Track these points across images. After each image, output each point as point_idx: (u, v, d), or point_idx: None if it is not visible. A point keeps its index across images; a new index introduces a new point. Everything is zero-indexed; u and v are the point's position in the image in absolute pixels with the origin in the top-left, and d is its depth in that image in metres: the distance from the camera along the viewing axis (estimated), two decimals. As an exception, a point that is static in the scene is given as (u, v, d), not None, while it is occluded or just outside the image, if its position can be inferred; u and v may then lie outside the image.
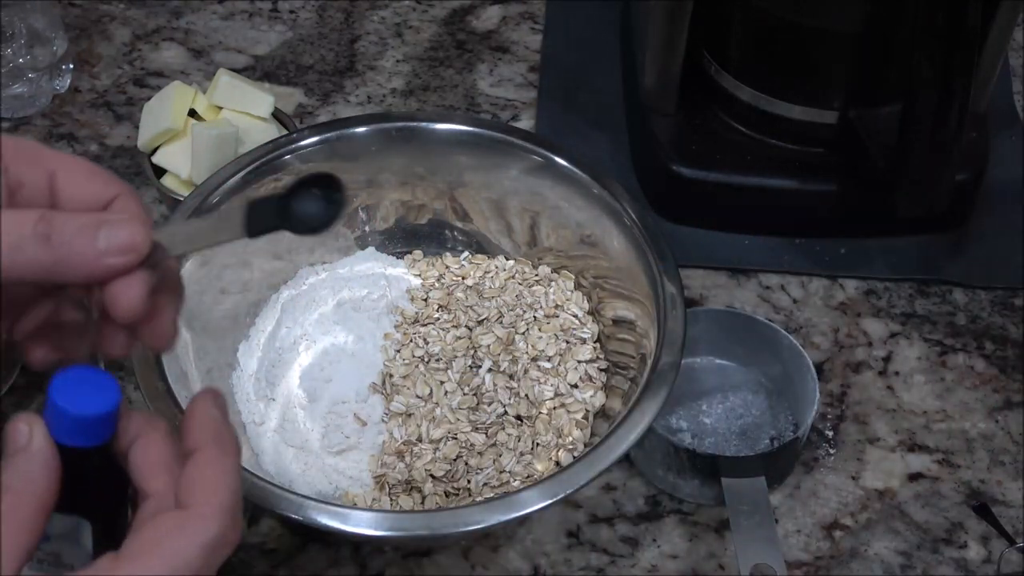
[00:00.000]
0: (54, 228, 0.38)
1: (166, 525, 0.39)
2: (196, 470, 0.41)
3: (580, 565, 0.66)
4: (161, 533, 0.39)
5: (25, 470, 0.39)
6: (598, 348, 0.70)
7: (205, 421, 0.42)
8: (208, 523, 0.39)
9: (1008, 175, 0.85)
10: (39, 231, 0.38)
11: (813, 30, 0.75)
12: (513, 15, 0.98)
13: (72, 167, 0.42)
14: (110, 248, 0.39)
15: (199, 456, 0.41)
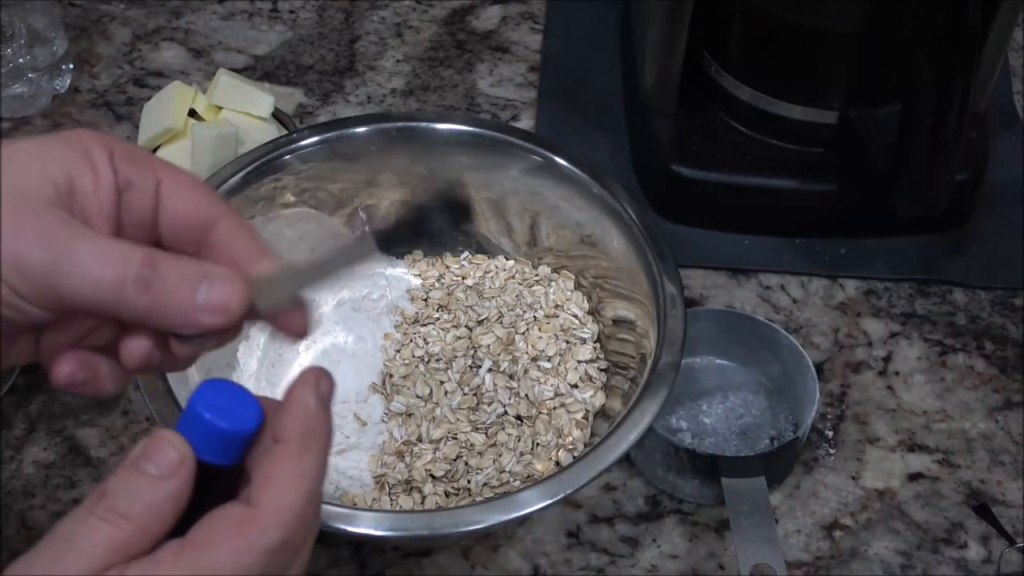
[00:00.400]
0: (157, 274, 0.37)
1: (229, 522, 0.37)
2: (272, 467, 0.39)
3: (580, 565, 0.66)
4: (223, 530, 0.37)
5: (151, 502, 0.37)
6: (598, 348, 0.70)
7: (298, 411, 0.40)
8: (269, 527, 0.37)
9: (1008, 175, 0.85)
10: (142, 276, 0.37)
11: (813, 30, 0.75)
12: (513, 15, 0.98)
13: (178, 178, 0.41)
14: (206, 305, 0.38)
15: (280, 450, 0.39)
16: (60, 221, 0.37)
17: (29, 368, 0.72)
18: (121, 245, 0.38)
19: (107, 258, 0.37)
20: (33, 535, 0.66)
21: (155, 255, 0.38)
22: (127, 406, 0.71)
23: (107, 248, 0.38)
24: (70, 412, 0.71)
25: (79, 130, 0.41)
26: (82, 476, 0.68)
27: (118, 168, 0.40)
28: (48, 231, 0.37)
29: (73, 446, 0.69)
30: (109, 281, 0.37)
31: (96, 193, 0.39)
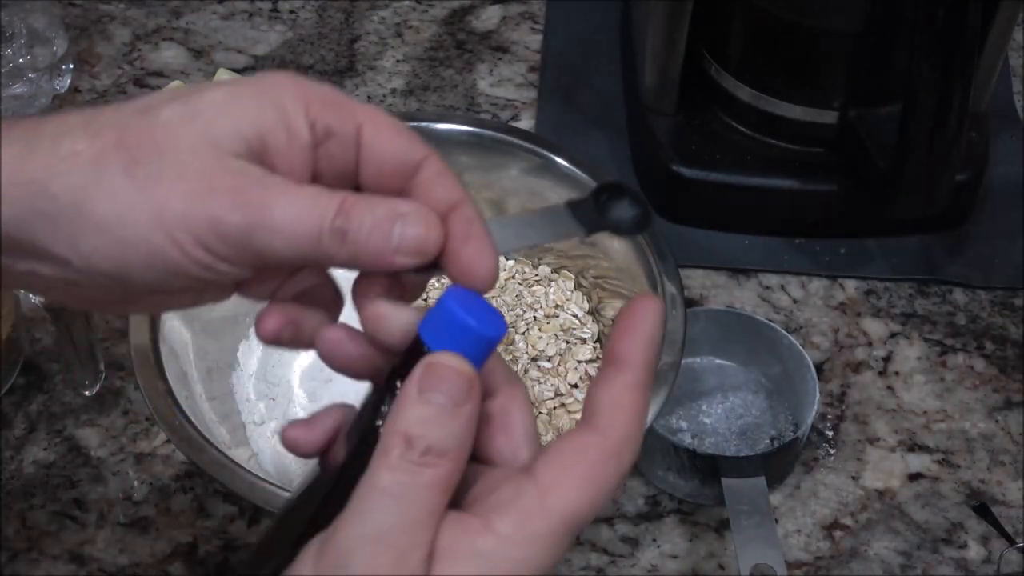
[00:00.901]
0: (351, 223, 0.36)
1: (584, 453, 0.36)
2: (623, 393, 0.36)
3: (580, 565, 0.66)
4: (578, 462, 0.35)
5: (458, 433, 0.35)
6: (598, 348, 0.70)
7: (647, 337, 0.37)
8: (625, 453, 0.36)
9: (1008, 175, 0.85)
10: (336, 226, 0.36)
11: (813, 30, 0.75)
12: (513, 15, 0.98)
13: (380, 121, 0.39)
14: (401, 248, 0.36)
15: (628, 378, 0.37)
16: (253, 180, 0.36)
17: (29, 368, 0.72)
18: (315, 196, 0.36)
19: (302, 213, 0.36)
20: (33, 535, 0.66)
21: (348, 202, 0.36)
22: (127, 406, 0.71)
23: (302, 202, 0.36)
24: (70, 412, 0.71)
25: (274, 77, 0.39)
26: (82, 476, 0.68)
27: (316, 119, 0.38)
28: (242, 192, 0.36)
29: (73, 446, 0.69)
30: (306, 237, 0.36)
31: (289, 149, 0.38)
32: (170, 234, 0.36)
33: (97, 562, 0.65)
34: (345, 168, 0.39)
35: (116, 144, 0.36)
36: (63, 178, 0.36)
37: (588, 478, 0.35)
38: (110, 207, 0.36)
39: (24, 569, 0.64)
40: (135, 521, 0.66)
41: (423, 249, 0.37)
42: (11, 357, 0.71)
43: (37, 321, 0.74)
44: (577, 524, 0.35)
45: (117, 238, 0.36)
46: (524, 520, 0.34)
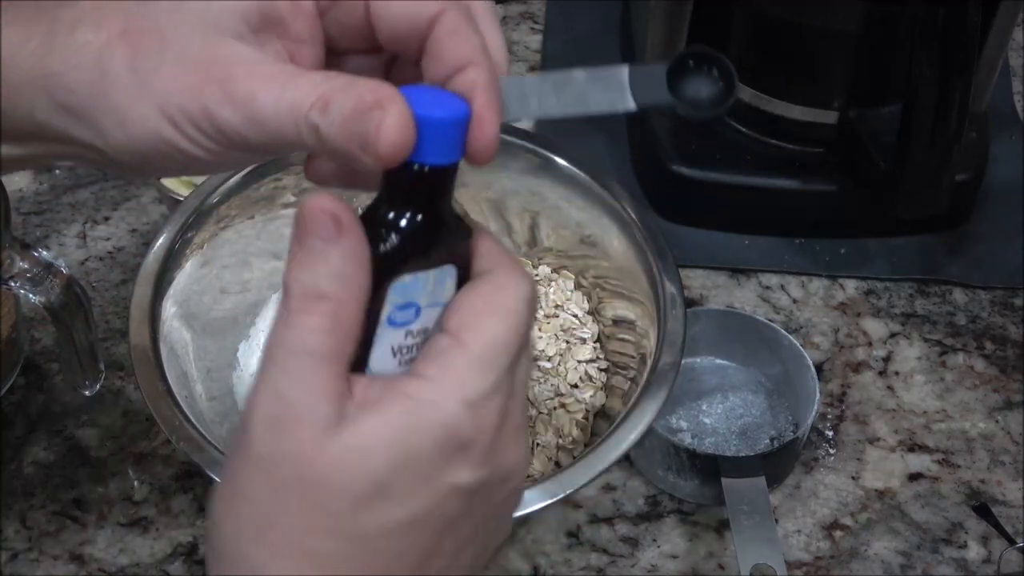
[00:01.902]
0: (325, 116, 0.35)
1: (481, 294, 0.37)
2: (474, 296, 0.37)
3: (580, 565, 0.66)
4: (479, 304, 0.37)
5: (340, 270, 0.35)
6: (598, 348, 0.70)
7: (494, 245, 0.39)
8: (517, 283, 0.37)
9: (1008, 175, 0.85)
10: (312, 122, 0.35)
11: (813, 30, 0.75)
12: (513, 15, 0.98)
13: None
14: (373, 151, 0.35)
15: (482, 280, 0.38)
16: (245, 69, 0.37)
17: (29, 368, 0.72)
18: (295, 87, 0.36)
19: (281, 106, 0.36)
20: (33, 535, 0.66)
21: (328, 94, 0.35)
22: (127, 406, 0.71)
23: (282, 94, 0.36)
24: (70, 412, 0.71)
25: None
26: (82, 476, 0.68)
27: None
28: (232, 83, 0.36)
29: (73, 446, 0.69)
30: (287, 133, 0.36)
31: (294, 19, 0.38)
32: (175, 123, 0.37)
33: (97, 562, 0.65)
34: (359, 32, 0.39)
35: (121, 33, 0.37)
36: (77, 73, 0.37)
37: (492, 310, 0.37)
38: (120, 100, 0.37)
39: (24, 569, 0.64)
40: (135, 521, 0.66)
41: (395, 150, 0.35)
42: (11, 357, 0.71)
43: (37, 321, 0.74)
44: (499, 352, 0.36)
45: (131, 131, 0.38)
46: (445, 361, 0.36)
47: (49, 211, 0.81)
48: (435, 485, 0.35)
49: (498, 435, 0.36)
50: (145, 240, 0.79)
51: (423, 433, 0.35)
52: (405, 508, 0.35)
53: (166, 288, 0.63)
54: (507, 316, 0.37)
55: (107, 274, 0.78)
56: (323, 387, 0.35)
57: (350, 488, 0.34)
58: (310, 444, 0.34)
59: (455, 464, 0.35)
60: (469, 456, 0.35)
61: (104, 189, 0.83)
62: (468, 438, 0.35)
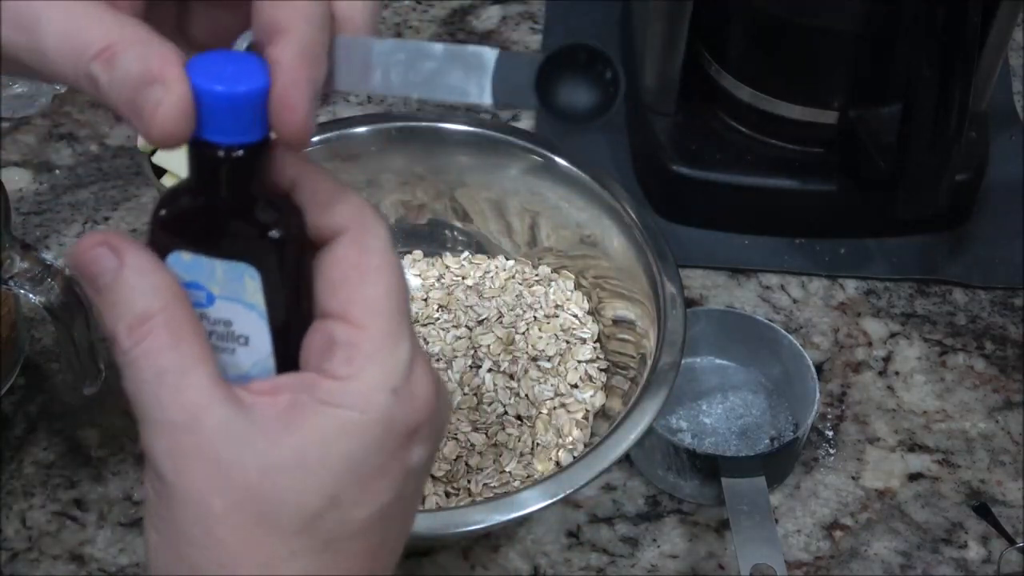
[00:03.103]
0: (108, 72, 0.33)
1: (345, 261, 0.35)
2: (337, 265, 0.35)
3: (580, 565, 0.66)
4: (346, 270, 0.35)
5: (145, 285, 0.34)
6: (598, 348, 0.70)
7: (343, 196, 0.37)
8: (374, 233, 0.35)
9: (1008, 175, 0.85)
10: (91, 72, 0.33)
11: (813, 30, 0.75)
12: (513, 15, 0.98)
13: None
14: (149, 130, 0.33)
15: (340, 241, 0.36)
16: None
17: (29, 368, 0.72)
18: (83, 28, 0.33)
19: (64, 45, 0.33)
20: (33, 535, 0.66)
21: (114, 49, 0.33)
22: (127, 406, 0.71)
23: (67, 30, 0.33)
24: (70, 412, 0.71)
25: None
26: (82, 476, 0.68)
27: None
28: (22, 8, 0.33)
29: (73, 446, 0.69)
30: (66, 73, 0.33)
31: None
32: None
33: (97, 562, 0.65)
34: None
35: None
36: None
37: (368, 276, 0.35)
38: None
39: (24, 569, 0.64)
40: (135, 521, 0.66)
41: (165, 140, 0.33)
42: (11, 357, 0.71)
43: (37, 321, 0.74)
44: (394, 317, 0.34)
45: None
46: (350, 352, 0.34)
47: (49, 211, 0.81)
48: (391, 476, 0.34)
49: (434, 395, 0.35)
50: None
51: (360, 437, 0.34)
52: (366, 508, 0.34)
53: (166, 288, 0.63)
54: (384, 274, 0.35)
55: (107, 274, 0.78)
56: (203, 395, 0.33)
57: (302, 509, 0.33)
58: (236, 465, 0.33)
59: (405, 451, 0.34)
60: (418, 436, 0.35)
61: (104, 189, 0.83)
62: (410, 421, 0.34)
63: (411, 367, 0.35)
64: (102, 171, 0.84)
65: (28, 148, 0.85)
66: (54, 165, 0.84)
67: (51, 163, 0.84)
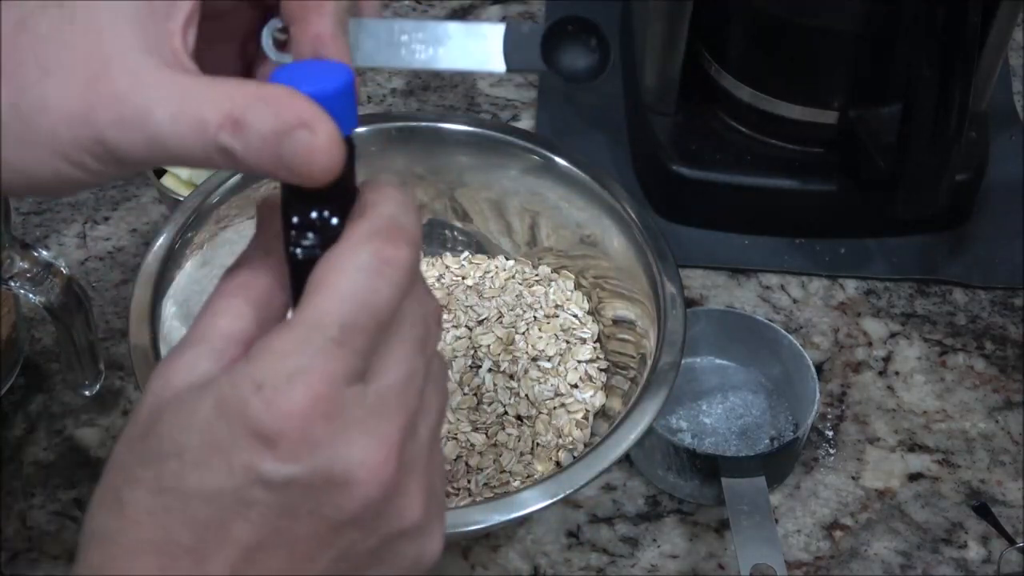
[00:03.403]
0: (240, 138, 0.33)
1: (319, 269, 0.35)
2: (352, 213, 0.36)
3: (580, 565, 0.66)
4: (315, 277, 0.34)
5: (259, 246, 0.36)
6: (598, 348, 0.70)
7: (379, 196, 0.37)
8: (353, 251, 0.34)
9: (1008, 175, 0.85)
10: (222, 144, 0.34)
11: (813, 30, 0.75)
12: (513, 15, 0.98)
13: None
14: (297, 173, 0.34)
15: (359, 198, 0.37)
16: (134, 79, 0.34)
17: (29, 368, 0.72)
18: (197, 102, 0.34)
19: (182, 126, 0.34)
20: (33, 535, 0.66)
21: (239, 112, 0.33)
22: (127, 406, 0.71)
23: (181, 109, 0.34)
24: (70, 412, 0.71)
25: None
26: (82, 476, 0.68)
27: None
28: (122, 101, 0.34)
29: (73, 446, 0.69)
30: (194, 153, 0.34)
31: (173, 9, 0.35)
32: (70, 160, 0.35)
33: (97, 562, 0.65)
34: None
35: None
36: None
37: (322, 283, 0.34)
38: (10, 153, 0.35)
39: (24, 569, 0.64)
40: (135, 521, 0.66)
41: (327, 176, 0.34)
42: (11, 357, 0.71)
43: (37, 321, 0.74)
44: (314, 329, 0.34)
45: (29, 175, 0.36)
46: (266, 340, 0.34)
47: (49, 211, 0.81)
48: (229, 463, 0.33)
49: (326, 425, 0.33)
50: (145, 240, 0.79)
51: (218, 410, 0.33)
52: (199, 477, 0.33)
53: (166, 288, 0.63)
54: (333, 290, 0.34)
55: (107, 274, 0.78)
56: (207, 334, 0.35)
57: (156, 438, 0.34)
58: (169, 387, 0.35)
59: (253, 449, 0.33)
60: (272, 444, 0.33)
61: (104, 189, 0.83)
62: (264, 424, 0.33)
63: (300, 382, 0.33)
64: None
65: (28, 148, 0.85)
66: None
67: (51, 163, 0.84)
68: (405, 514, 0.36)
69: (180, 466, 0.34)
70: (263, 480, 0.33)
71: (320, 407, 0.33)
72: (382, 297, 0.34)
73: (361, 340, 0.34)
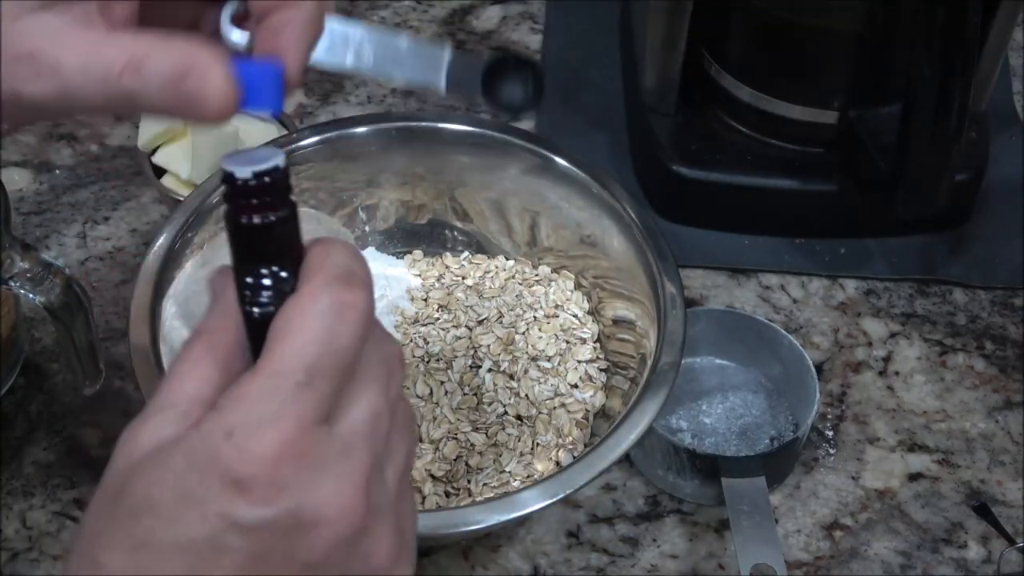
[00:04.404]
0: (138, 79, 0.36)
1: (280, 318, 0.36)
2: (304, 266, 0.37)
3: (580, 565, 0.66)
4: (277, 326, 0.35)
5: (220, 311, 0.37)
6: (598, 348, 0.70)
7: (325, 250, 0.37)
8: (312, 297, 0.35)
9: (1008, 175, 0.85)
10: (123, 87, 0.36)
11: (813, 30, 0.75)
12: (513, 15, 0.98)
13: None
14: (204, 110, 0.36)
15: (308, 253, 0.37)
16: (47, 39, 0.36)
17: (29, 368, 0.72)
18: (102, 51, 0.36)
19: (90, 74, 0.36)
20: (33, 535, 0.66)
21: (139, 56, 0.36)
22: (127, 406, 0.71)
23: (88, 59, 0.36)
24: (70, 412, 0.71)
25: None
26: (82, 476, 0.68)
27: None
28: (35, 57, 0.36)
29: (73, 446, 0.69)
30: (101, 101, 0.36)
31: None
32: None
33: (97, 562, 0.65)
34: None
35: None
36: None
37: (285, 330, 0.35)
38: None
39: (24, 569, 0.64)
40: (135, 521, 0.66)
41: (221, 113, 0.36)
42: (11, 357, 0.71)
43: (37, 321, 0.74)
44: (280, 376, 0.34)
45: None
46: (233, 389, 0.35)
47: (49, 211, 0.81)
48: (203, 512, 0.34)
49: (296, 467, 0.34)
50: (145, 240, 0.79)
51: (189, 461, 0.34)
52: (174, 530, 0.34)
53: (166, 288, 0.63)
54: (296, 336, 0.35)
55: (107, 274, 0.78)
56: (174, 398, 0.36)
57: (129, 498, 0.34)
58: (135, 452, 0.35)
59: (226, 495, 0.34)
60: (245, 489, 0.33)
61: (104, 189, 0.83)
62: (236, 469, 0.33)
63: (270, 427, 0.34)
64: (102, 171, 0.84)
65: (28, 148, 0.85)
66: (54, 165, 0.84)
67: (51, 163, 0.84)
68: (374, 555, 0.36)
69: (154, 521, 0.34)
70: (237, 525, 0.34)
71: (290, 450, 0.34)
72: (344, 340, 0.35)
73: (326, 383, 0.35)
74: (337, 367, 0.35)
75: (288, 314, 0.35)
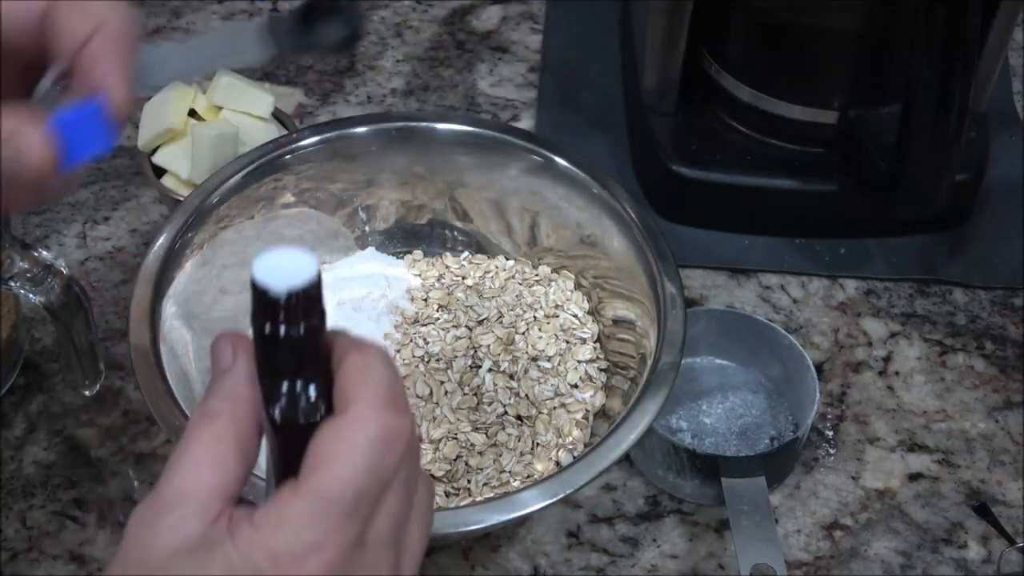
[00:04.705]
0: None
1: (326, 437, 0.36)
2: (344, 377, 0.37)
3: (580, 565, 0.66)
4: (323, 446, 0.35)
5: (231, 391, 0.37)
6: (598, 348, 0.70)
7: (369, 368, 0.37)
8: (363, 423, 0.35)
9: (1008, 175, 0.85)
10: None
11: (813, 30, 0.75)
12: (513, 15, 0.98)
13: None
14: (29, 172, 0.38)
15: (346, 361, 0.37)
16: None
17: (29, 368, 0.72)
18: None
19: None
20: (33, 535, 0.66)
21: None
22: (127, 406, 0.71)
23: None
24: (70, 412, 0.71)
25: None
26: (82, 476, 0.68)
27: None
28: None
29: (73, 446, 0.69)
30: None
31: None
32: None
33: (97, 562, 0.65)
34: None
35: None
36: None
37: (332, 455, 0.35)
38: None
39: (24, 569, 0.64)
40: (135, 521, 0.66)
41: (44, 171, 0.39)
42: (11, 357, 0.71)
43: (37, 321, 0.74)
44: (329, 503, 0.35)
45: None
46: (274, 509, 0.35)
47: (49, 211, 0.81)
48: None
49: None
50: (145, 240, 0.79)
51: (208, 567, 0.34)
52: None
53: (166, 288, 0.63)
54: (347, 463, 0.35)
55: (107, 274, 0.78)
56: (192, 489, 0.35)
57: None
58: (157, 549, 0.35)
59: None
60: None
61: (104, 189, 0.83)
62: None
63: (315, 553, 0.34)
64: (102, 171, 0.84)
65: (28, 148, 0.85)
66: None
67: (51, 163, 0.84)
68: None
69: None
70: None
71: (331, 573, 0.35)
72: (389, 466, 0.36)
73: (368, 507, 0.36)
74: (380, 491, 0.36)
75: (336, 434, 0.36)
